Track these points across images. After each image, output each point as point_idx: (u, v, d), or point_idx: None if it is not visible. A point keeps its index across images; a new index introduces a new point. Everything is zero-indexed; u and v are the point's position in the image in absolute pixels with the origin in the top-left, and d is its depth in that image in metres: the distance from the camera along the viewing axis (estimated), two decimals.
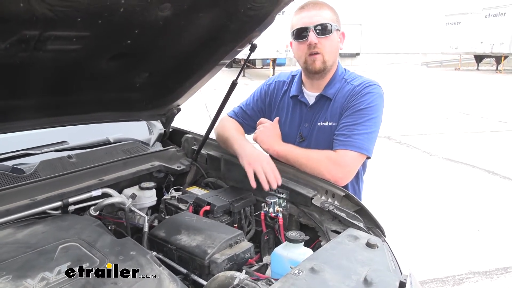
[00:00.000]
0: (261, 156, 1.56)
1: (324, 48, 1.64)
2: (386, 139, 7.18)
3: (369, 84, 1.68)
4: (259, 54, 16.52)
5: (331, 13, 1.67)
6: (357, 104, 1.64)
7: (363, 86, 1.67)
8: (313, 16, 1.63)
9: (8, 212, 1.22)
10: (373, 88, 1.67)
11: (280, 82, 1.90)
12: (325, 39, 1.63)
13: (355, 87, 1.68)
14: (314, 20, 1.62)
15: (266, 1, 1.34)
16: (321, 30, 1.62)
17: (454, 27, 23.76)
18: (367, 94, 1.65)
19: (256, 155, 1.57)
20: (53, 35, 1.10)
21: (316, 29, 1.61)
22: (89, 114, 1.68)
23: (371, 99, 1.64)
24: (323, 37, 1.62)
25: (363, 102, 1.63)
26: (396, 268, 1.09)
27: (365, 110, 1.62)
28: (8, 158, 1.59)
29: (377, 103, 1.65)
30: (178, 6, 1.21)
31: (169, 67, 1.63)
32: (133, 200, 1.51)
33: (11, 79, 1.25)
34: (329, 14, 1.65)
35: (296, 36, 1.67)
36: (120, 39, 1.30)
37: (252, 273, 1.18)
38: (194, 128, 2.17)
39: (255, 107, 1.92)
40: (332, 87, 1.73)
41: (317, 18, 1.62)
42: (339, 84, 1.73)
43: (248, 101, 1.96)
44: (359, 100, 1.64)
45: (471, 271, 3.07)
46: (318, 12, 1.63)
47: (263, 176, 1.49)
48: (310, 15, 1.63)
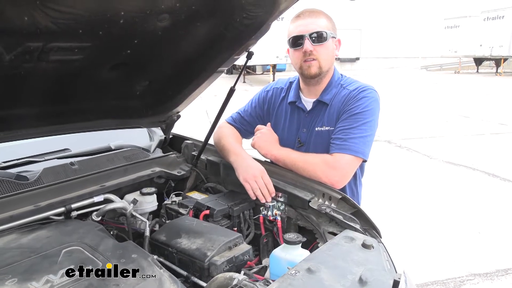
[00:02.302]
0: (255, 172, 1.58)
1: (319, 55, 1.68)
2: (387, 143, 7.20)
3: (365, 89, 1.71)
4: (259, 60, 16.58)
5: (327, 21, 1.70)
6: (352, 108, 1.67)
7: (359, 91, 1.70)
8: (308, 24, 1.67)
9: (12, 218, 1.25)
10: (369, 93, 1.70)
11: (278, 88, 1.93)
12: (320, 46, 1.67)
13: (350, 92, 1.72)
14: (310, 28, 1.66)
15: (261, 10, 1.38)
16: (316, 37, 1.66)
17: (453, 31, 23.86)
18: (363, 98, 1.68)
19: (251, 171, 1.59)
20: (55, 46, 1.15)
21: (312, 36, 1.65)
22: (91, 122, 1.72)
23: (366, 103, 1.67)
24: (318, 44, 1.66)
25: (359, 107, 1.66)
26: (391, 267, 1.11)
27: (360, 114, 1.65)
28: (12, 166, 1.63)
29: (372, 107, 1.68)
30: (176, 17, 1.25)
31: (168, 75, 1.67)
32: (135, 205, 1.54)
33: (15, 89, 1.29)
34: (324, 22, 1.69)
35: (292, 44, 1.71)
36: (120, 49, 1.34)
37: (251, 274, 1.20)
38: (195, 134, 2.20)
39: (253, 113, 1.96)
40: (329, 93, 1.77)
41: (312, 26, 1.66)
42: (335, 90, 1.77)
43: (246, 107, 1.99)
44: (354, 105, 1.68)
45: (472, 273, 3.08)
46: (313, 20, 1.67)
47: (258, 192, 1.54)
48: (305, 23, 1.67)
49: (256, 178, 1.56)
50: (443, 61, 27.61)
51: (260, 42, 1.59)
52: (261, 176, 1.56)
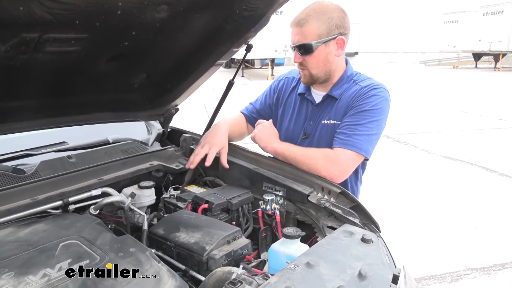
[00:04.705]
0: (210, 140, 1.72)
1: (308, 64, 1.67)
2: (385, 137, 7.20)
3: (377, 87, 1.67)
4: (258, 54, 16.53)
5: (317, 27, 1.60)
6: (361, 104, 1.64)
7: (370, 88, 1.67)
8: (295, 35, 1.64)
9: (9, 211, 1.24)
10: (380, 91, 1.66)
11: (290, 78, 1.94)
12: (309, 57, 1.65)
13: (362, 88, 1.68)
14: (296, 40, 1.64)
15: (261, 2, 1.36)
16: (303, 50, 1.63)
17: (452, 26, 23.80)
18: (373, 96, 1.64)
19: (208, 138, 1.74)
20: (52, 37, 1.13)
21: (299, 48, 1.64)
22: (88, 115, 1.70)
23: (376, 102, 1.64)
24: (306, 55, 1.65)
25: (368, 104, 1.63)
26: (390, 262, 1.11)
27: (369, 112, 1.62)
28: (9, 159, 1.61)
29: (382, 106, 1.64)
30: (174, 8, 1.23)
31: (167, 67, 1.66)
32: (133, 199, 1.53)
33: (11, 81, 1.27)
34: (312, 30, 1.60)
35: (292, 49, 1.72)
36: (117, 41, 1.32)
37: (249, 269, 1.20)
38: (193, 128, 2.19)
39: (263, 102, 1.99)
40: (339, 88, 1.74)
41: (298, 37, 1.63)
42: (347, 85, 1.74)
43: (258, 97, 2.04)
44: (364, 101, 1.64)
45: (469, 268, 3.10)
46: (300, 31, 1.62)
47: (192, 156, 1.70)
48: (294, 33, 1.65)
49: (204, 146, 1.71)
50: (442, 56, 27.58)
51: (258, 36, 1.58)
52: (209, 148, 1.69)
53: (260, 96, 2.03)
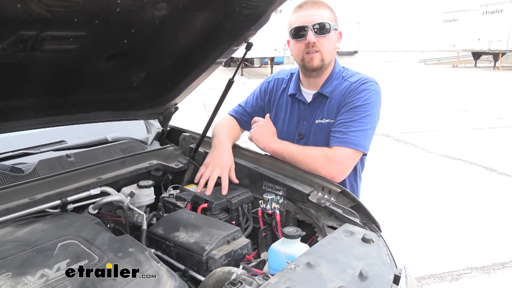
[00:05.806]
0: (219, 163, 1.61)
1: (322, 46, 1.65)
2: (385, 136, 7.20)
3: (366, 81, 1.69)
4: (257, 53, 16.52)
5: (329, 13, 1.67)
6: (353, 101, 1.65)
7: (360, 83, 1.68)
8: (311, 15, 1.63)
9: (7, 211, 1.23)
10: (370, 85, 1.68)
11: (279, 79, 1.92)
12: (324, 38, 1.64)
13: (351, 84, 1.69)
14: (313, 19, 1.63)
15: (261, 0, 1.35)
16: (319, 29, 1.63)
17: (452, 24, 23.79)
18: (364, 91, 1.66)
19: (216, 160, 1.63)
20: (50, 35, 1.11)
21: (315, 28, 1.62)
22: (87, 114, 1.69)
23: (367, 96, 1.65)
24: (321, 36, 1.63)
25: (360, 99, 1.64)
26: (391, 262, 1.11)
27: (361, 107, 1.63)
28: (7, 158, 1.60)
29: (373, 100, 1.66)
30: (174, 6, 1.22)
31: (166, 66, 1.64)
32: (132, 198, 1.52)
33: (9, 79, 1.26)
34: (327, 14, 1.66)
35: (294, 35, 1.68)
36: (116, 39, 1.31)
37: (249, 268, 1.19)
38: (193, 127, 2.18)
39: (254, 104, 1.95)
40: (329, 85, 1.74)
41: (315, 17, 1.63)
42: (336, 82, 1.74)
43: (248, 99, 1.99)
44: (355, 97, 1.65)
45: (469, 267, 3.09)
46: (316, 11, 1.64)
47: (202, 180, 1.58)
48: (308, 14, 1.64)
49: (214, 169, 1.59)
50: (441, 55, 27.58)
51: (258, 35, 1.56)
52: (220, 172, 1.58)
53: (249, 97, 1.99)
